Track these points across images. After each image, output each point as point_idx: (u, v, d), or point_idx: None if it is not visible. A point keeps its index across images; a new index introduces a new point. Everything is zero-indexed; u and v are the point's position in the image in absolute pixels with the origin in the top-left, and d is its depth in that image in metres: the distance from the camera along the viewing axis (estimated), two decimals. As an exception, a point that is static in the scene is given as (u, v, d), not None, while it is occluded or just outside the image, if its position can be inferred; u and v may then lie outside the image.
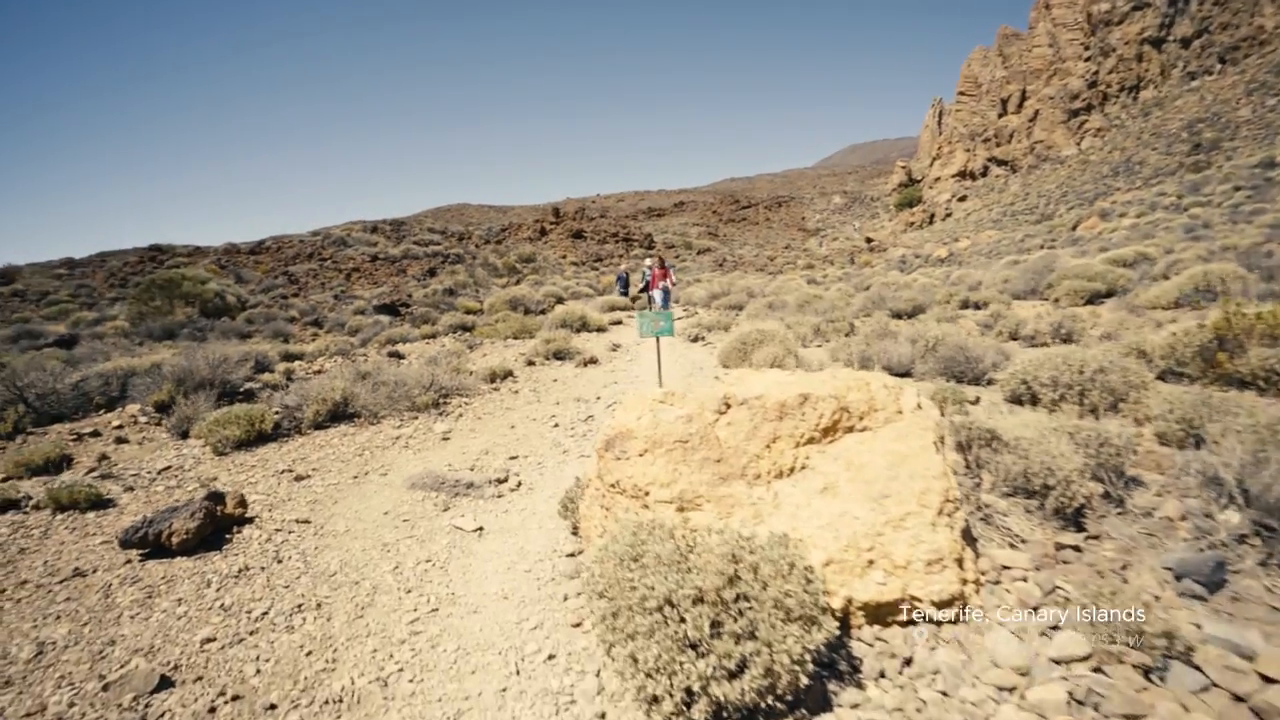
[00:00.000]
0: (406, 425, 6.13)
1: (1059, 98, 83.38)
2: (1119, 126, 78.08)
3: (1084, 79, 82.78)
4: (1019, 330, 9.96)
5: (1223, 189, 36.54)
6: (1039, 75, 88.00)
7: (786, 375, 3.92)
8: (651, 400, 3.48)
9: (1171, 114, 73.32)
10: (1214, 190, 37.31)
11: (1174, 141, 66.18)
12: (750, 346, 7.73)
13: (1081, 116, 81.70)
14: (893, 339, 7.74)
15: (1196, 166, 52.09)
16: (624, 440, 3.26)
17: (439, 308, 22.37)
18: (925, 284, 20.18)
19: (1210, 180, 41.11)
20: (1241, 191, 34.46)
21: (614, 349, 10.71)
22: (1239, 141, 58.46)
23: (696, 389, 3.62)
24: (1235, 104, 67.24)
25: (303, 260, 39.64)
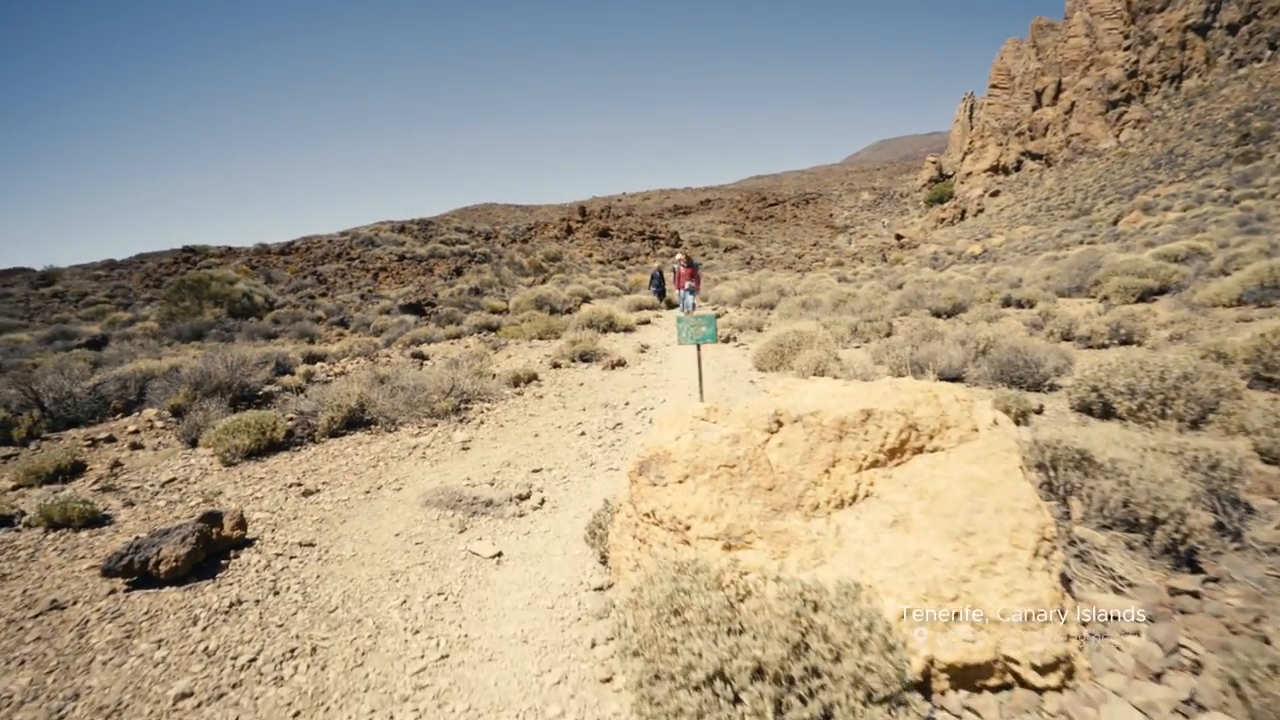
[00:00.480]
0: (425, 433, 5.82)
1: (1097, 89, 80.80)
2: (1160, 117, 75.35)
3: (1123, 69, 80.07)
4: (1072, 330, 9.33)
5: (1276, 180, 34.88)
6: (1075, 66, 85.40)
7: (840, 386, 3.49)
8: (691, 417, 3.08)
9: (1217, 103, 70.52)
10: (1266, 181, 35.67)
11: (1220, 132, 63.61)
12: (787, 349, 7.28)
13: (1121, 108, 79.05)
14: (939, 340, 7.22)
15: (1245, 157, 49.90)
16: (661, 464, 2.86)
17: (464, 307, 22.24)
18: (963, 281, 19.43)
19: (1262, 171, 39.33)
20: (1298, 182, 32.83)
21: (642, 350, 10.32)
22: (1291, 130, 55.91)
23: (744, 403, 3.20)
24: (1287, 91, 64.35)
25: (331, 260, 40.03)
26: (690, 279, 14.03)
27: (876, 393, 3.19)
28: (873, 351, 8.32)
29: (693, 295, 14.03)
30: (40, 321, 24.19)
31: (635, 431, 5.71)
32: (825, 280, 26.06)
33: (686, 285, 13.98)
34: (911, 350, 6.63)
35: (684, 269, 14.13)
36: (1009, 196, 78.91)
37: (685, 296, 14.05)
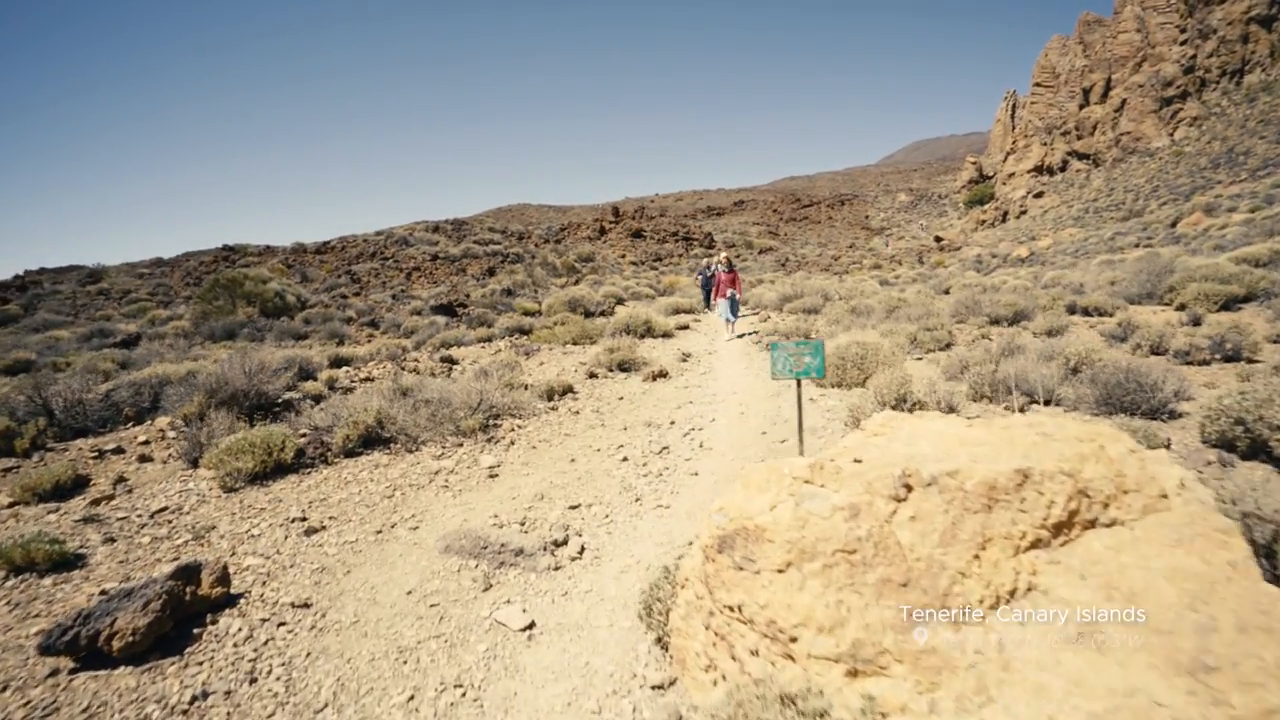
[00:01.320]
0: (448, 455, 5.22)
1: (1149, 85, 77.50)
2: (1219, 114, 71.86)
3: (1179, 64, 76.65)
4: (1163, 343, 8.36)
5: (1356, 180, 32.68)
6: (1125, 63, 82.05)
7: (961, 426, 2.75)
8: (790, 478, 2.36)
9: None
10: (1345, 182, 33.42)
11: (1287, 129, 60.34)
12: (851, 363, 6.51)
13: (1175, 105, 75.67)
14: (1022, 355, 6.39)
15: (1318, 156, 47.12)
16: (751, 543, 2.16)
17: (496, 309, 21.82)
18: (1017, 286, 18.30)
19: (1339, 171, 36.96)
20: (1381, 183, 30.70)
21: (684, 359, 9.63)
22: (1367, 127, 52.79)
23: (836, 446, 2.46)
24: (1360, 87, 60.88)
25: (365, 259, 40.20)
26: (731, 285, 12.33)
27: (1020, 440, 2.46)
28: (943, 367, 7.49)
29: (734, 306, 12.30)
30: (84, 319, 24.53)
31: (684, 458, 5.04)
32: (867, 284, 25.03)
33: (728, 294, 12.23)
34: (993, 368, 5.82)
35: (725, 274, 12.39)
36: (1054, 198, 76.14)
37: (726, 307, 12.24)
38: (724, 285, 12.33)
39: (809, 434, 5.23)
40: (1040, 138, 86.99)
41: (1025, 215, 75.66)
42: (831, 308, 15.12)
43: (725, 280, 12.31)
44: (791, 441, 5.07)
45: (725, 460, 4.89)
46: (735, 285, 12.32)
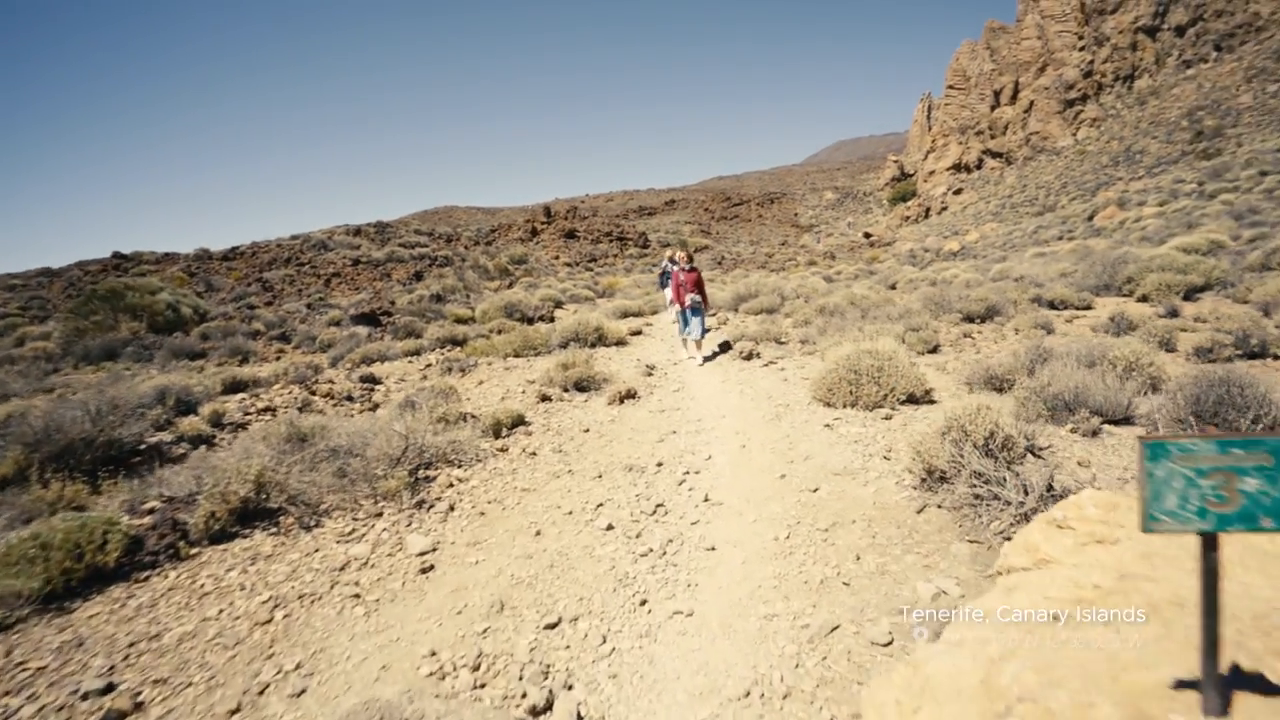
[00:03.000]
0: (362, 533, 3.72)
1: (1054, 88, 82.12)
2: (1115, 116, 76.85)
3: (1079, 69, 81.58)
4: (1172, 340, 7.72)
5: (1248, 174, 34.87)
6: (1029, 67, 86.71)
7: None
8: None
9: (1169, 102, 72.15)
10: (1237, 175, 35.64)
11: (1174, 130, 64.95)
12: (867, 378, 5.39)
13: (1077, 107, 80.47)
14: (1059, 362, 5.44)
15: (1207, 153, 50.61)
16: None
17: (425, 316, 19.89)
18: (971, 280, 17.99)
19: (1231, 166, 39.49)
20: (1271, 176, 32.77)
21: (649, 372, 8.31)
22: (1242, 128, 57.30)
23: None
24: (1235, 91, 66.18)
25: (279, 266, 36.95)
26: (695, 289, 9.10)
27: None
28: (955, 374, 6.50)
29: (698, 318, 9.13)
30: (-71, 340, 20.95)
31: (689, 521, 3.73)
32: (812, 280, 24.50)
33: (689, 299, 8.99)
34: (1045, 384, 4.79)
35: (686, 273, 9.08)
36: (972, 194, 79.47)
37: (691, 319, 9.11)
38: (684, 289, 9.04)
39: (836, 477, 4.03)
40: (956, 137, 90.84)
41: (946, 211, 78.60)
42: (793, 307, 14.19)
43: (689, 281, 9.04)
44: (826, 489, 3.86)
45: (746, 523, 3.62)
46: (700, 289, 9.19)
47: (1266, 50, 69.18)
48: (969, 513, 3.08)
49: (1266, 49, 69.40)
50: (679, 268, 9.27)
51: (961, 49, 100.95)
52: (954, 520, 3.13)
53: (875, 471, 3.99)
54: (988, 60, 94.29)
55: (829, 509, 3.60)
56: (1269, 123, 54.95)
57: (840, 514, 3.51)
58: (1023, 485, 2.95)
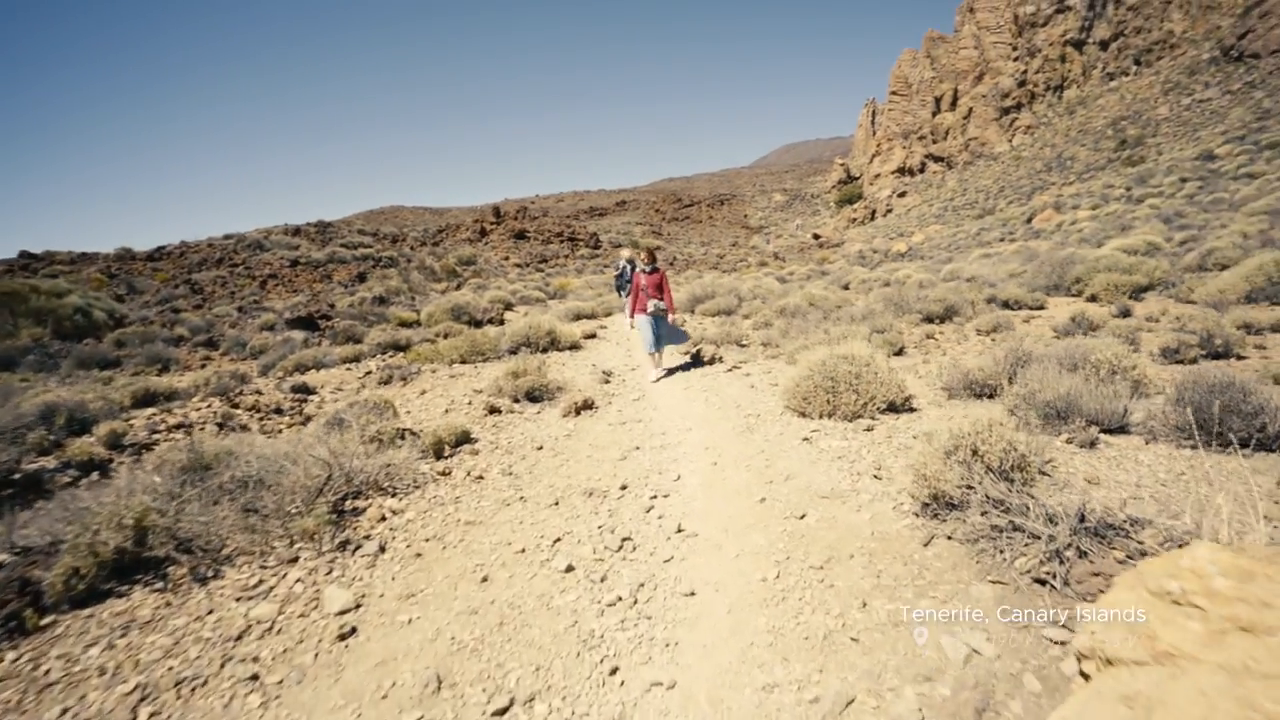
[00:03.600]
0: (268, 589, 3.06)
1: (990, 96, 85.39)
2: (1047, 124, 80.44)
3: (1013, 78, 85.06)
4: (1137, 340, 7.67)
5: (1169, 180, 36.73)
6: (966, 76, 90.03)
7: None
8: None
9: (1095, 112, 75.96)
10: (1161, 182, 37.51)
11: (1100, 138, 68.34)
12: (845, 385, 4.99)
13: (1012, 114, 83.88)
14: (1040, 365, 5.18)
15: (1131, 160, 53.28)
16: None
17: (367, 320, 18.87)
18: (924, 280, 18.12)
19: (1155, 173, 41.60)
20: (1190, 182, 34.59)
21: (605, 379, 7.77)
22: (1161, 138, 60.61)
23: None
24: (1153, 103, 70.05)
25: (210, 267, 34.90)
26: (656, 294, 7.89)
27: None
28: (932, 379, 6.19)
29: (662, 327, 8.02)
30: None
31: (662, 557, 3.22)
32: (766, 281, 24.43)
33: (651, 305, 7.78)
34: (1034, 390, 4.49)
35: (647, 275, 7.90)
36: (916, 197, 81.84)
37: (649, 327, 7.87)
38: (644, 293, 7.85)
39: (824, 500, 3.60)
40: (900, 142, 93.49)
41: (892, 213, 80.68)
42: (751, 308, 13.90)
43: (648, 285, 7.85)
44: (814, 516, 3.41)
45: (727, 558, 3.14)
46: (664, 293, 8.00)
47: (1180, 66, 73.52)
48: (986, 546, 2.67)
49: (1180, 65, 73.76)
50: (640, 269, 8.04)
51: (903, 57, 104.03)
52: (969, 555, 2.72)
53: (868, 494, 3.57)
54: (928, 68, 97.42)
55: (821, 540, 3.15)
56: (1184, 133, 58.27)
57: (835, 547, 3.07)
58: (1047, 514, 2.56)
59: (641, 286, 7.97)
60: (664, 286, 8.11)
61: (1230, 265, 13.57)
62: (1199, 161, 40.17)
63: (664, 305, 7.92)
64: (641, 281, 7.99)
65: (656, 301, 7.91)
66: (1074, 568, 2.34)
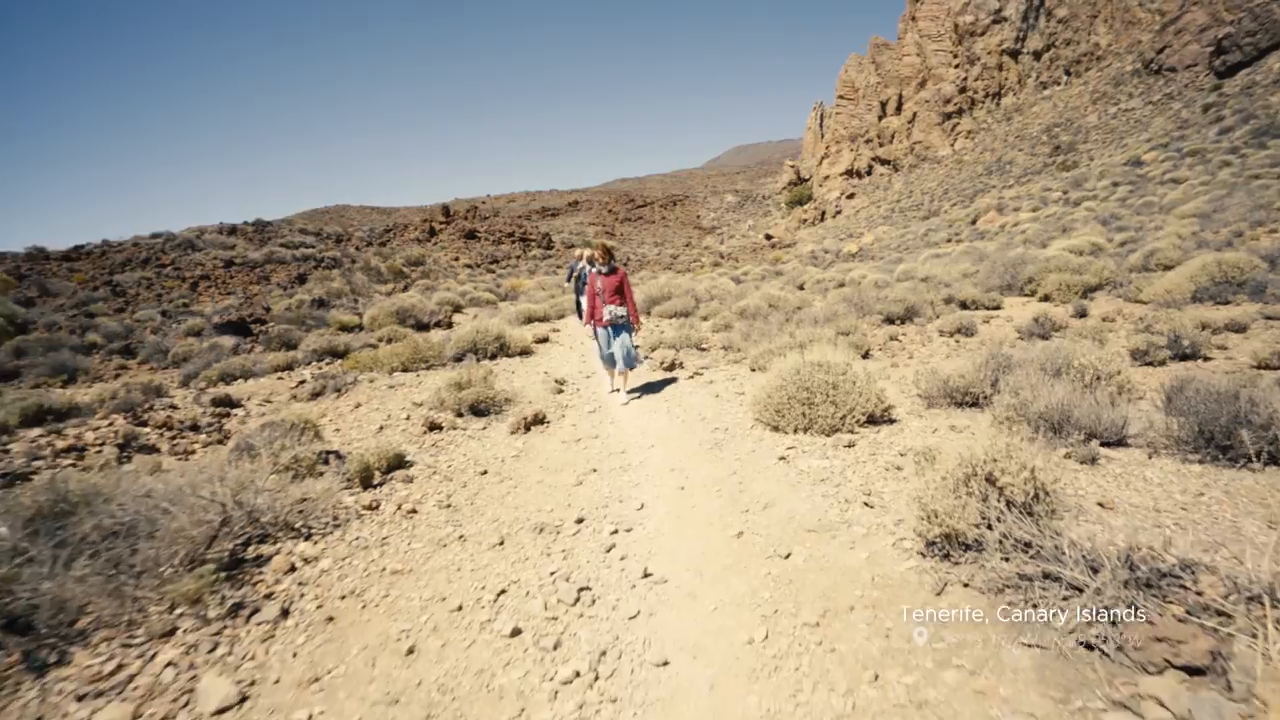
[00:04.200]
0: (127, 679, 2.39)
1: (934, 101, 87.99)
2: (987, 130, 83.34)
3: (955, 84, 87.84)
4: (1102, 339, 7.55)
5: (1103, 184, 38.29)
6: (910, 81, 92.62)
7: None
8: None
9: (1031, 119, 79.09)
10: (1094, 186, 39.07)
11: (1036, 144, 71.16)
12: (822, 396, 4.57)
13: (954, 119, 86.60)
14: (1018, 369, 4.89)
15: (1066, 165, 55.53)
16: None
17: (305, 324, 17.75)
18: (879, 280, 18.12)
19: (1088, 177, 43.35)
20: (1122, 186, 36.10)
21: (558, 389, 7.19)
22: (1091, 144, 63.45)
23: None
24: (1083, 111, 73.36)
25: (135, 267, 32.68)
26: (615, 299, 6.67)
27: None
28: (908, 385, 5.84)
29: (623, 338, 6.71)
30: None
31: (626, 613, 2.69)
32: (722, 281, 24.21)
33: (608, 313, 6.61)
34: (1025, 400, 4.15)
35: (605, 276, 6.66)
36: (864, 199, 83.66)
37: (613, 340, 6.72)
38: (601, 298, 6.63)
39: (811, 535, 3.14)
40: (848, 144, 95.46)
41: (841, 214, 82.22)
42: (709, 310, 13.51)
43: (605, 289, 6.61)
44: (802, 555, 2.94)
45: (704, 612, 2.64)
46: (625, 297, 6.72)
47: (1106, 77, 77.19)
48: (1015, 599, 2.24)
49: (1106, 76, 77.45)
50: (596, 269, 6.71)
51: (850, 62, 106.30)
52: (993, 608, 2.29)
53: (860, 526, 3.12)
54: (874, 73, 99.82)
55: (813, 587, 2.68)
56: (1112, 140, 61.09)
57: (830, 595, 2.60)
58: (1087, 560, 2.14)
59: (598, 290, 6.68)
60: (625, 290, 6.79)
61: (1172, 265, 13.87)
62: (1128, 167, 42.04)
63: (624, 312, 6.68)
64: (598, 284, 6.68)
65: (614, 308, 6.63)
66: (1129, 629, 1.92)
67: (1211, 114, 48.39)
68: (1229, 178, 28.80)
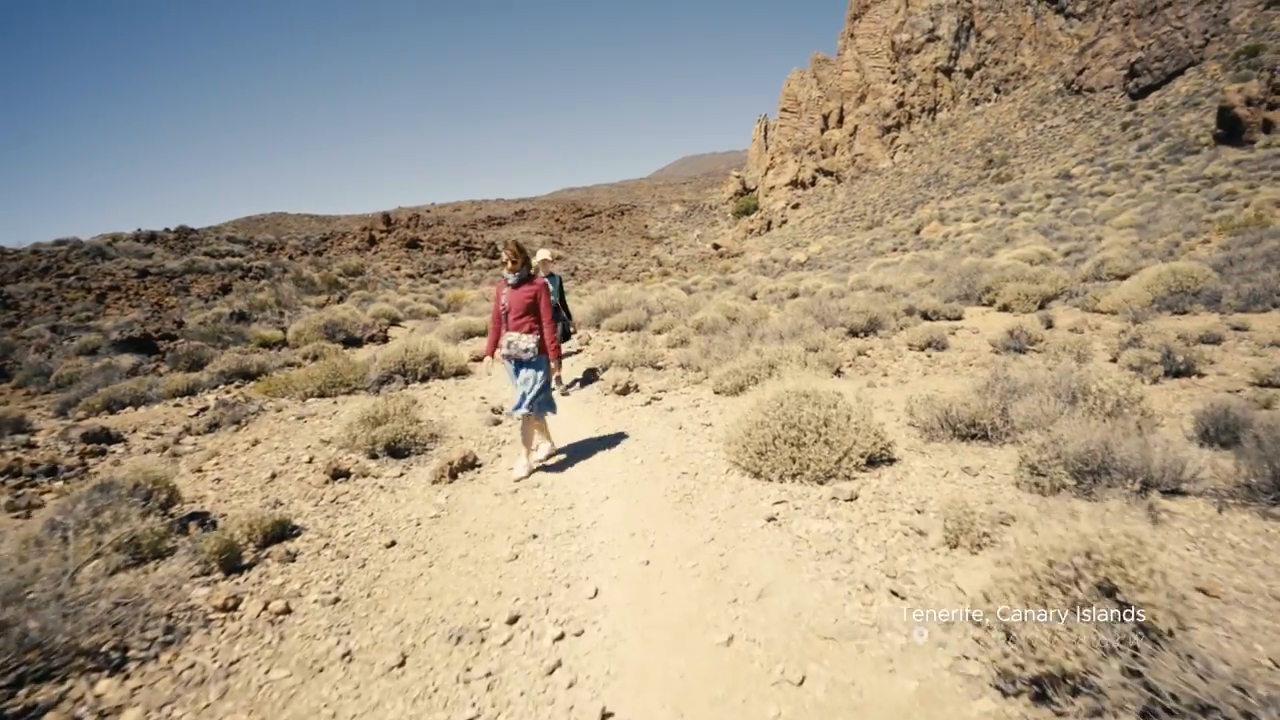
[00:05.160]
0: None
1: (873, 115, 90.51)
2: (924, 143, 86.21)
3: (893, 99, 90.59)
4: (1084, 351, 7.07)
5: (1037, 196, 39.59)
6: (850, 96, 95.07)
7: None
8: None
9: (965, 134, 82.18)
10: (1029, 198, 40.35)
11: (971, 157, 73.89)
12: (812, 433, 3.76)
13: (893, 133, 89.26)
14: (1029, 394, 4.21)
15: (1000, 178, 57.58)
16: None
17: (221, 339, 16.06)
18: (834, 289, 17.73)
19: (1023, 189, 44.85)
20: (1055, 198, 37.36)
21: (495, 420, 6.17)
22: (1021, 158, 66.18)
23: None
24: (1013, 127, 76.65)
25: (33, 276, 29.69)
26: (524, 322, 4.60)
27: None
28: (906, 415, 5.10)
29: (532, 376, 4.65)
30: None
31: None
32: (672, 291, 23.54)
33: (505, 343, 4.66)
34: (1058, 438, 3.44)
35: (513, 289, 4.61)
36: (809, 209, 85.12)
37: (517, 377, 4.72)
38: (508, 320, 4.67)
39: (828, 644, 2.30)
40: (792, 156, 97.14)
41: (787, 224, 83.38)
42: (662, 322, 12.70)
43: (512, 306, 4.63)
44: (821, 681, 2.10)
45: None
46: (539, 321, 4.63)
47: (1032, 95, 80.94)
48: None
49: (1032, 94, 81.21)
50: (504, 279, 4.69)
51: (792, 76, 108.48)
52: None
53: (895, 632, 2.29)
54: (815, 88, 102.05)
55: (846, 745, 1.83)
56: (1040, 154, 63.84)
57: (877, 764, 1.76)
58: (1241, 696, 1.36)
59: (503, 308, 4.64)
60: (540, 309, 4.62)
61: (1124, 275, 13.82)
62: (1059, 180, 43.68)
63: (530, 345, 4.54)
64: (503, 300, 4.64)
65: (519, 336, 4.56)
66: None
67: (1130, 131, 51.01)
68: (1153, 191, 29.98)
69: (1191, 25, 58.34)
